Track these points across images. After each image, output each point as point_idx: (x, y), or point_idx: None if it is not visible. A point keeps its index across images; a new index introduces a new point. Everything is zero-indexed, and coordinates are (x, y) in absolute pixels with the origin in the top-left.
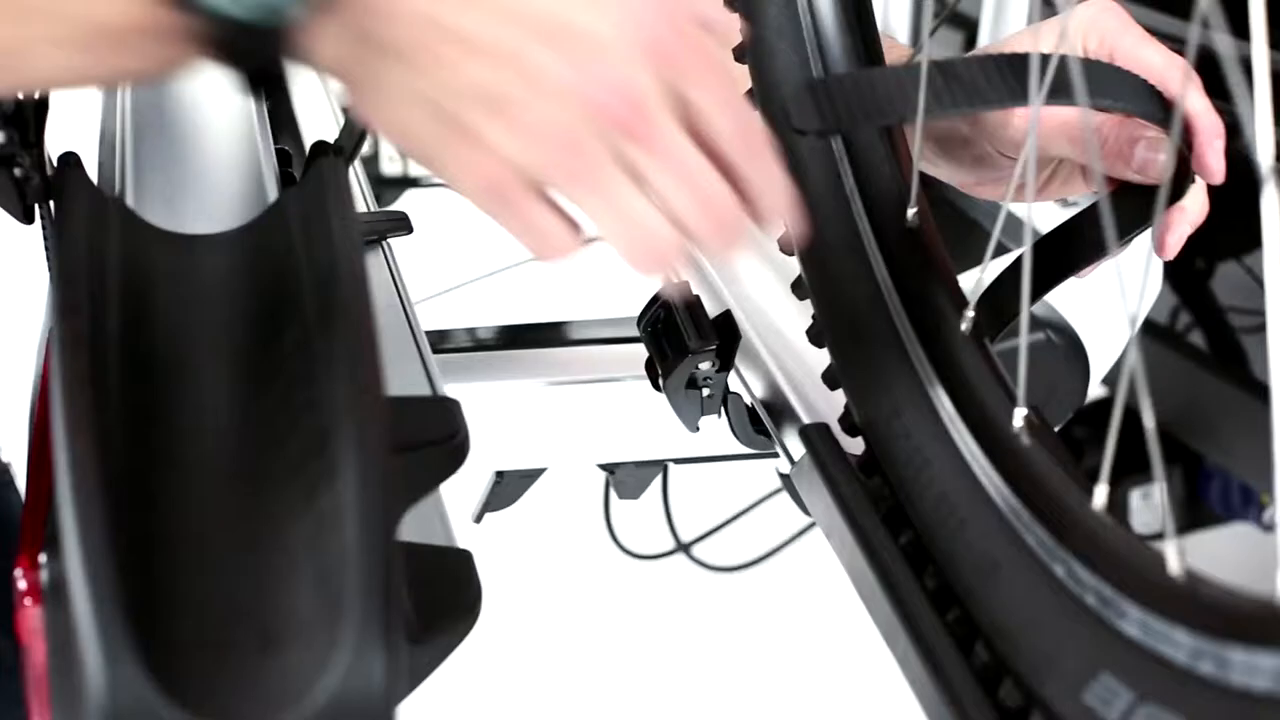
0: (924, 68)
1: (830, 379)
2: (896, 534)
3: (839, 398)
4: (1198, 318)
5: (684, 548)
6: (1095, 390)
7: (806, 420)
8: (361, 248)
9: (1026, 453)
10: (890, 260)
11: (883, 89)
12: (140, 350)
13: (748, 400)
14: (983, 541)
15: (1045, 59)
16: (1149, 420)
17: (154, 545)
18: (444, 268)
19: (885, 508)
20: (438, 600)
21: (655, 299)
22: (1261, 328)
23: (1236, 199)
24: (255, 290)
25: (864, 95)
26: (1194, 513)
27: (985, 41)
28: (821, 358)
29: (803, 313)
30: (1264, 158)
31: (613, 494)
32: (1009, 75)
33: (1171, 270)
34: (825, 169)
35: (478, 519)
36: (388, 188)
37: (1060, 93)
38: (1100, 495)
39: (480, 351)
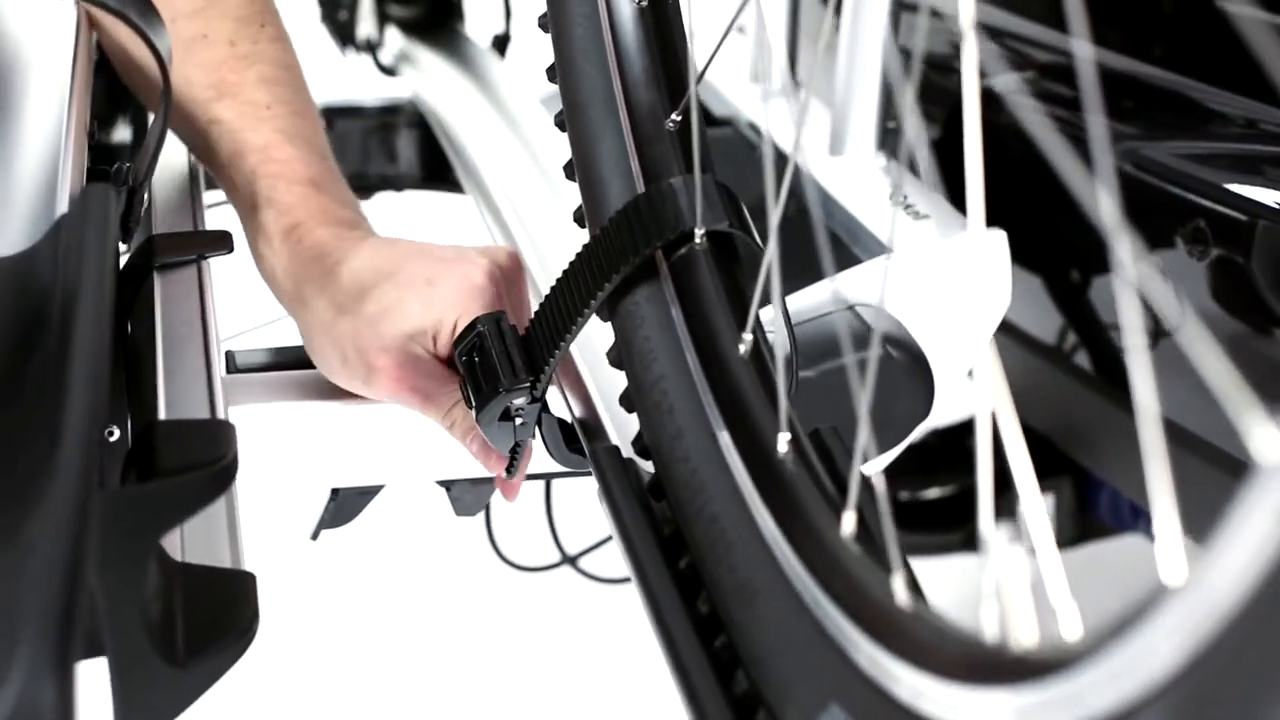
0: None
1: (626, 401)
2: (676, 558)
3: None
4: (1082, 337)
5: (570, 560)
6: None
7: (616, 440)
8: (109, 276)
9: (790, 478)
10: (677, 280)
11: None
12: None
13: (568, 418)
14: (745, 568)
15: None
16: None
17: None
18: None
19: (670, 531)
20: (209, 623)
21: (473, 326)
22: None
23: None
24: (16, 316)
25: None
26: (1084, 524)
27: None
28: (623, 379)
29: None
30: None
31: (494, 505)
32: None
33: (1050, 285)
34: (622, 188)
35: (314, 536)
36: None
37: None
38: (848, 522)
39: (312, 369)
